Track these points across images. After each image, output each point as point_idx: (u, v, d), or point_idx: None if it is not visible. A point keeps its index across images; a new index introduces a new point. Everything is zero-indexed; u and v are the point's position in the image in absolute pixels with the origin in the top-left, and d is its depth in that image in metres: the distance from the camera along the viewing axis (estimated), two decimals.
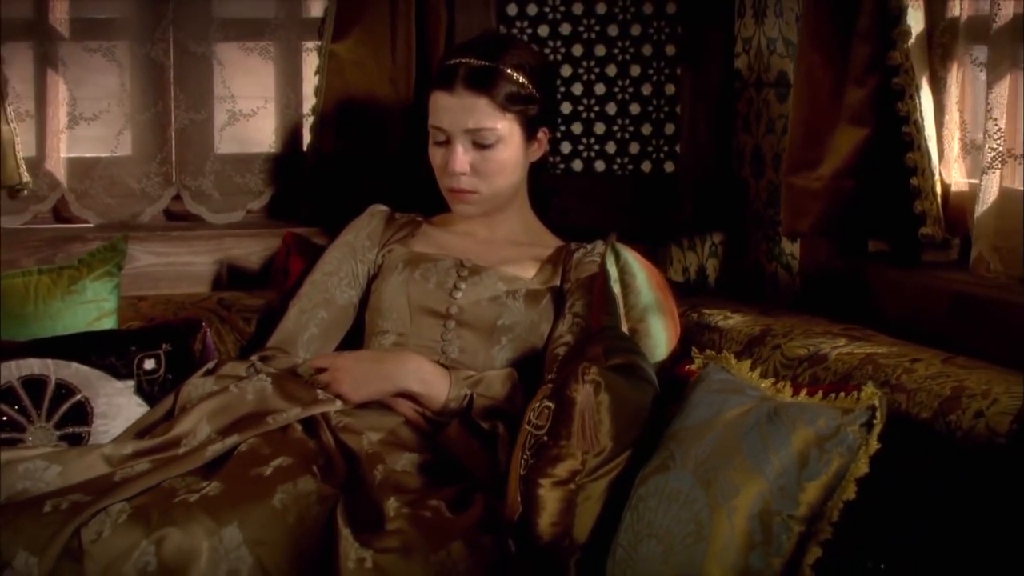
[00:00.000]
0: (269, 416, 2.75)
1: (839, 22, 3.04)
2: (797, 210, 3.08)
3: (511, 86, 3.05)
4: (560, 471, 2.45)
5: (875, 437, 2.17)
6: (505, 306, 3.04)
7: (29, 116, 3.63)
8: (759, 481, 2.20)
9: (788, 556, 2.18)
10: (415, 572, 2.39)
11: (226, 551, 2.37)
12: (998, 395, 2.22)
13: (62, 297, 3.07)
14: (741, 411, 2.34)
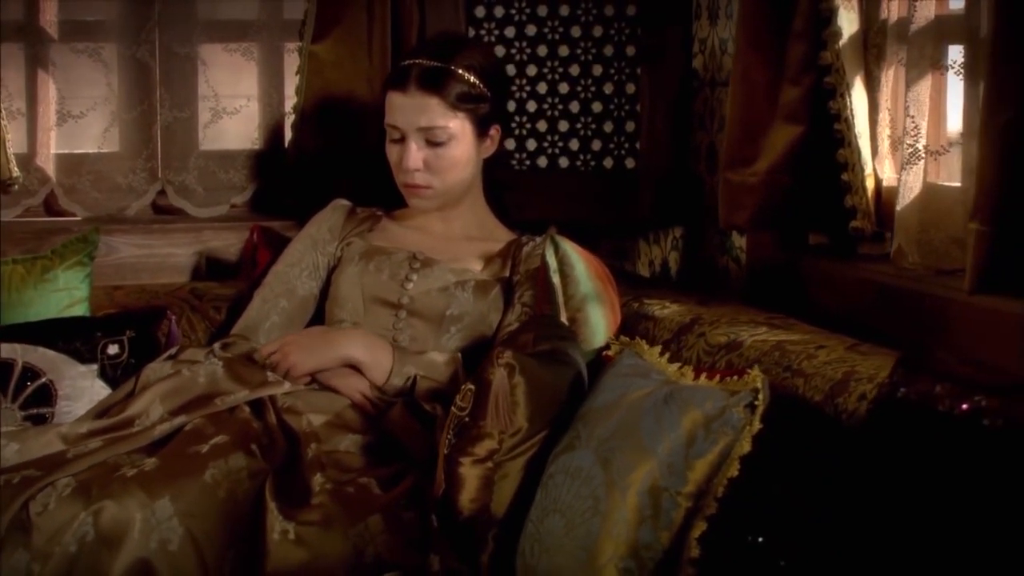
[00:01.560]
0: (218, 398, 2.88)
1: (775, 23, 3.13)
2: (733, 204, 3.19)
3: (462, 86, 3.17)
4: (479, 450, 2.57)
5: (758, 418, 2.27)
6: (454, 297, 3.17)
7: (20, 114, 3.80)
8: (650, 459, 2.31)
9: (676, 530, 2.28)
10: (334, 543, 2.54)
11: (158, 522, 2.52)
12: (883, 380, 2.32)
13: (35, 285, 3.22)
14: (642, 394, 2.46)
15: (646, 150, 3.75)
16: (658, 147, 3.73)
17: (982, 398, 1.92)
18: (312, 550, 2.53)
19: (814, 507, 2.16)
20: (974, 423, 1.89)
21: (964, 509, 1.85)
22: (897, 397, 2.09)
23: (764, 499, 2.22)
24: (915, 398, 2.04)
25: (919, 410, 2.01)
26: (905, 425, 2.05)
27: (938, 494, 1.91)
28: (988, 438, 1.86)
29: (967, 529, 1.82)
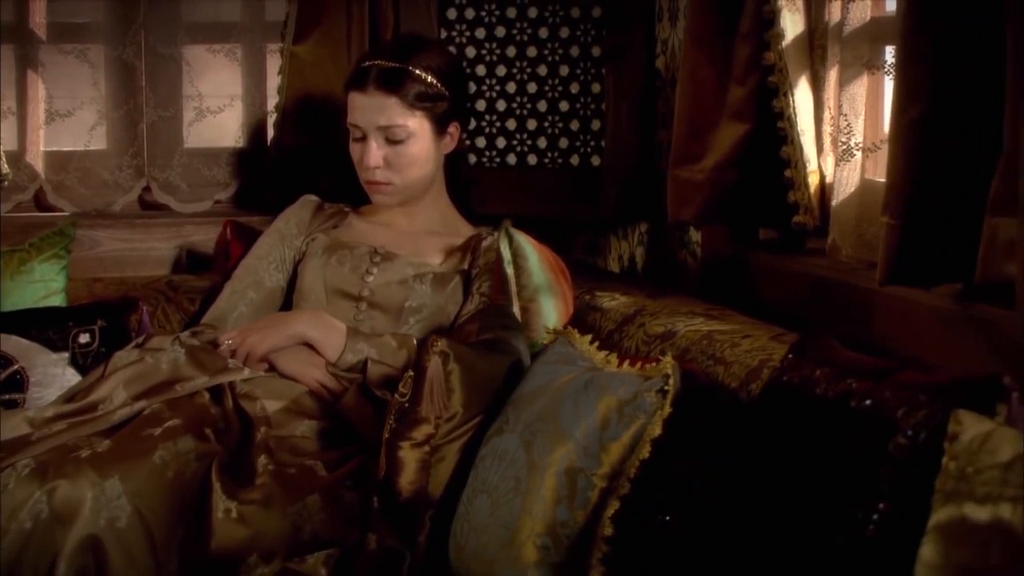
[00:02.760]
0: (178, 384, 3.01)
1: (722, 24, 3.22)
2: (681, 200, 3.29)
3: (419, 86, 3.29)
4: (417, 435, 2.69)
5: (669, 402, 2.38)
6: (412, 289, 3.28)
7: (11, 113, 3.94)
8: (568, 442, 2.43)
9: (591, 509, 2.39)
10: (273, 521, 2.68)
11: (107, 500, 2.65)
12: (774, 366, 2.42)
13: (11, 277, 3.36)
14: (566, 380, 2.57)
15: (611, 148, 3.85)
16: (622, 145, 3.83)
17: (853, 381, 2.02)
18: (253, 527, 2.67)
19: (714, 485, 2.26)
20: (843, 405, 1.99)
21: (834, 482, 1.95)
22: (783, 381, 2.19)
23: (672, 479, 2.33)
24: (797, 382, 2.14)
25: (799, 393, 2.12)
26: (787, 407, 2.15)
27: (812, 469, 2.01)
28: (854, 418, 1.96)
29: (838, 499, 1.92)
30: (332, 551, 2.66)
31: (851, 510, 1.87)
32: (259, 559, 2.65)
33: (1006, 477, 1.64)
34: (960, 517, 1.66)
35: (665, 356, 2.47)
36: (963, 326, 2.49)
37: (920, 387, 1.91)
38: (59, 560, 2.60)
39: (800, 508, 1.99)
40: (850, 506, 1.88)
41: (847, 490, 1.90)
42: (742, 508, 2.13)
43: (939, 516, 1.69)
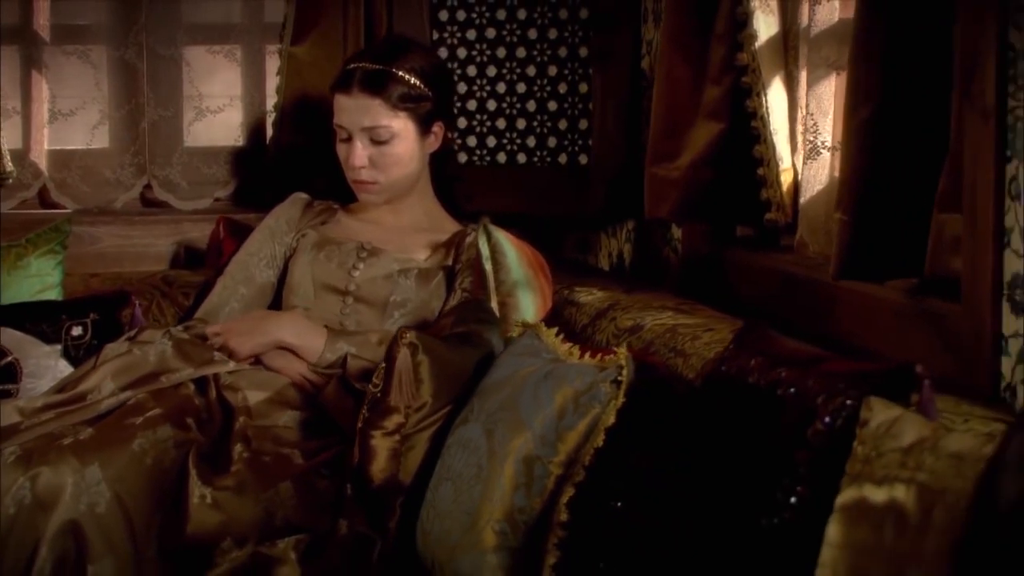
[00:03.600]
0: (163, 375, 3.10)
1: (698, 26, 3.30)
2: (657, 197, 3.36)
3: (403, 87, 3.37)
4: (388, 424, 2.77)
5: (622, 392, 2.45)
6: (397, 284, 3.37)
7: (16, 112, 4.05)
8: (526, 431, 2.50)
9: (547, 496, 2.46)
10: (246, 507, 2.77)
11: (87, 486, 2.75)
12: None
13: (8, 272, 3.46)
14: (529, 371, 2.64)
15: (598, 146, 3.93)
16: (609, 144, 3.91)
17: (783, 370, 2.09)
18: (226, 513, 2.76)
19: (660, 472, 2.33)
20: (772, 393, 2.07)
21: (762, 467, 2.02)
22: (721, 371, 2.27)
23: (624, 466, 2.40)
24: (734, 372, 2.22)
25: (734, 382, 2.19)
26: (724, 396, 2.23)
27: (744, 455, 2.09)
28: (780, 405, 2.04)
29: (764, 484, 1.99)
30: (303, 536, 2.74)
31: (773, 494, 1.95)
32: (232, 543, 2.74)
33: (904, 460, 1.71)
34: (861, 498, 1.73)
35: (620, 349, 2.52)
36: (915, 319, 2.56)
37: (841, 376, 1.98)
38: (41, 544, 2.70)
39: (732, 492, 2.06)
40: (773, 490, 1.95)
41: (772, 475, 1.98)
42: (684, 493, 2.20)
43: (843, 498, 1.76)
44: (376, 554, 2.71)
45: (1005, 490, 1.17)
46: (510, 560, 2.48)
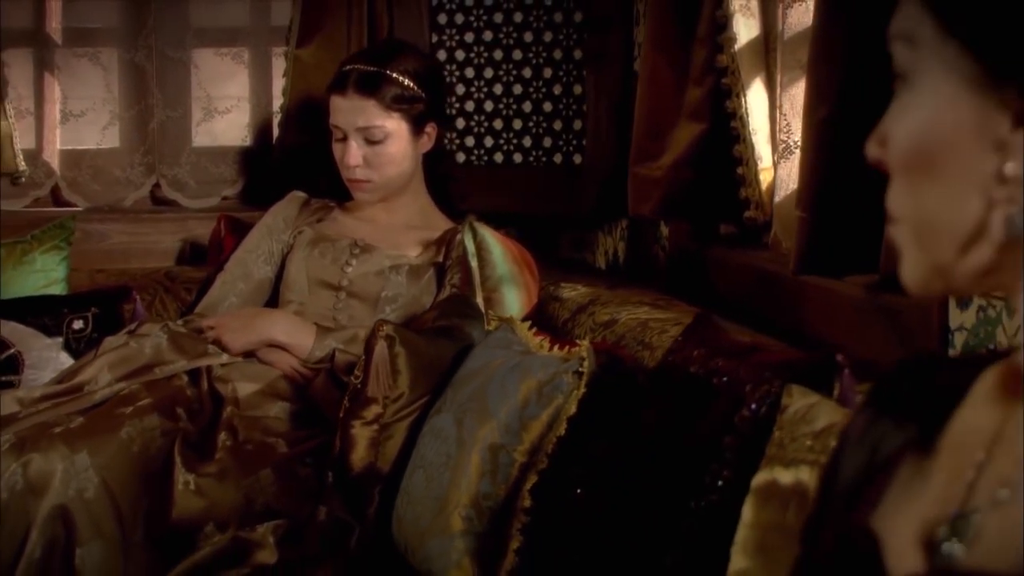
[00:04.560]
0: (157, 367, 3.21)
1: (680, 28, 3.38)
2: (640, 196, 3.44)
3: (396, 88, 3.47)
4: (367, 414, 2.87)
5: (583, 383, 2.54)
6: (388, 279, 3.46)
7: (29, 113, 4.18)
8: (492, 421, 2.59)
9: (512, 483, 2.55)
10: (227, 493, 2.88)
11: (76, 472, 2.86)
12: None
13: (14, 267, 3.58)
14: (499, 363, 2.74)
15: (592, 147, 4.02)
16: (603, 144, 4.00)
17: (720, 360, 2.18)
18: (209, 499, 2.87)
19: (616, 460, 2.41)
20: (708, 381, 2.15)
21: (697, 452, 2.10)
22: (668, 362, 2.35)
23: (584, 455, 2.48)
24: (679, 362, 2.30)
25: (678, 372, 2.28)
26: (669, 385, 2.31)
27: (683, 441, 2.17)
28: (715, 393, 2.12)
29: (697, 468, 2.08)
30: (281, 522, 2.84)
31: (702, 478, 2.03)
32: (215, 528, 2.84)
33: (813, 444, 1.79)
34: (771, 480, 1.81)
35: (583, 341, 2.61)
36: (873, 314, 2.63)
37: (771, 365, 2.06)
38: (32, 529, 2.81)
39: (672, 477, 2.15)
40: (703, 474, 2.03)
41: (704, 459, 2.06)
42: (632, 480, 2.28)
43: (757, 480, 1.85)
44: (354, 539, 2.80)
45: (842, 467, 1.25)
46: (476, 544, 2.56)
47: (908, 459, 1.22)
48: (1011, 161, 1.03)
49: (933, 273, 1.12)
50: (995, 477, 1.10)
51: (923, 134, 1.08)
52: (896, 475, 1.23)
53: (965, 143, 1.05)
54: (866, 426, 1.29)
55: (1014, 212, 1.03)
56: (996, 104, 1.03)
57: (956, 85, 1.05)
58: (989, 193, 1.05)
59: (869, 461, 1.26)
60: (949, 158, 1.06)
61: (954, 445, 1.19)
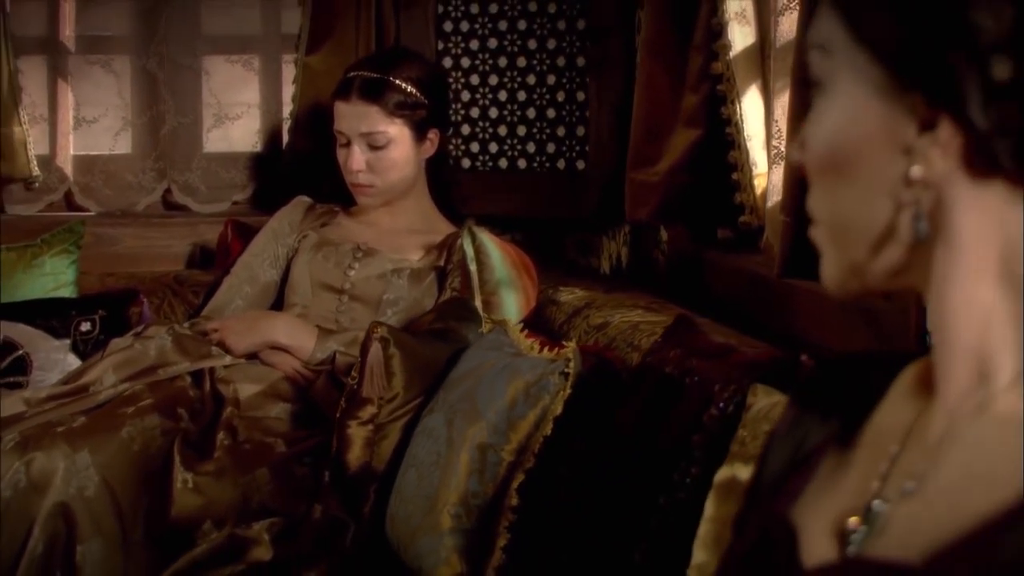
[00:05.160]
0: (161, 368, 3.28)
1: (677, 35, 3.43)
2: (637, 201, 3.49)
3: (399, 95, 3.53)
4: (363, 414, 2.92)
5: (569, 384, 2.60)
6: (390, 283, 3.52)
7: (43, 119, 4.26)
8: (481, 421, 2.65)
9: (499, 481, 2.61)
10: (225, 490, 2.94)
11: (77, 471, 2.93)
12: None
13: (24, 270, 3.66)
14: (490, 364, 2.79)
15: (594, 152, 4.08)
16: (605, 149, 4.05)
17: (695, 361, 2.23)
18: (206, 496, 2.93)
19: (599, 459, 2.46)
20: (682, 381, 2.20)
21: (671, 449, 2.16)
22: (647, 363, 2.41)
23: (569, 453, 2.54)
24: (656, 363, 2.35)
25: (655, 372, 2.33)
26: (647, 386, 2.36)
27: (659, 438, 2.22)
28: (687, 393, 2.17)
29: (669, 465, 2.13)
30: (276, 520, 2.91)
31: (672, 475, 2.08)
32: (212, 525, 2.91)
33: None
34: (732, 476, 1.86)
35: (570, 343, 2.66)
36: (856, 316, 2.68)
37: (740, 365, 2.11)
38: (35, 526, 2.88)
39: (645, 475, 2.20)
40: (672, 471, 2.09)
41: (674, 457, 2.11)
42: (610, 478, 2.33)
43: (719, 476, 1.90)
44: (350, 537, 2.86)
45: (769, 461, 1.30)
46: (464, 541, 2.62)
47: (830, 453, 1.27)
48: (916, 165, 1.07)
49: (849, 272, 1.16)
50: (906, 469, 1.15)
51: (836, 138, 1.11)
52: (818, 468, 1.28)
53: (875, 147, 1.09)
54: (792, 422, 1.34)
55: (919, 214, 1.08)
56: (903, 110, 1.06)
57: (866, 91, 1.08)
58: (897, 196, 1.08)
59: (793, 455, 1.31)
60: (860, 161, 1.10)
61: (872, 439, 1.23)
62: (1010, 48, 1.01)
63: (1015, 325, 1.11)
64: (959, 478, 1.09)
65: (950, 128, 1.05)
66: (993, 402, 1.11)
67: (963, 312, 1.12)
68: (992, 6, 1.01)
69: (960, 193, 1.07)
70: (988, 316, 1.11)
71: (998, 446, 1.09)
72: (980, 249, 1.09)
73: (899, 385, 1.25)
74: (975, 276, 1.10)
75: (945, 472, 1.11)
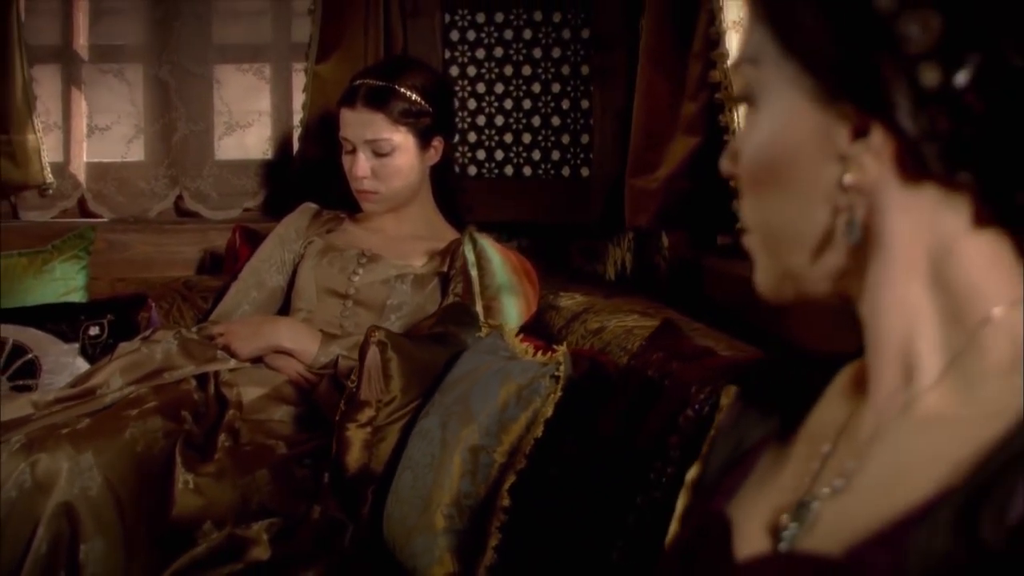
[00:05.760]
0: (166, 372, 3.33)
1: (676, 44, 3.47)
2: (637, 207, 3.54)
3: (404, 103, 3.58)
4: (361, 417, 2.97)
5: (560, 387, 2.64)
6: (394, 288, 3.57)
7: (57, 127, 4.33)
8: (473, 423, 2.69)
9: (491, 482, 2.65)
10: (224, 492, 2.99)
11: (81, 471, 2.98)
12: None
13: (35, 275, 3.72)
14: (485, 368, 2.84)
15: (598, 160, 4.13)
16: (609, 157, 4.10)
17: (675, 364, 2.27)
18: (207, 497, 2.98)
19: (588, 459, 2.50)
20: (659, 383, 2.25)
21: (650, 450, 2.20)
22: (630, 365, 2.45)
23: (559, 455, 2.58)
24: (639, 366, 2.39)
25: (637, 375, 2.37)
26: (631, 388, 2.40)
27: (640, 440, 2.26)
28: (666, 395, 2.21)
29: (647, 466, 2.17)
30: (275, 520, 2.95)
31: (649, 474, 2.12)
32: (212, 526, 2.95)
33: None
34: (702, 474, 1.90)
35: (560, 347, 2.70)
36: (848, 319, 2.70)
37: (717, 367, 2.15)
38: (39, 525, 2.92)
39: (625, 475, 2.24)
40: (649, 471, 2.13)
41: (651, 457, 2.15)
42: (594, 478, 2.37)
43: (689, 474, 1.92)
44: (348, 538, 2.91)
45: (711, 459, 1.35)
46: (457, 541, 2.66)
47: (768, 451, 1.31)
48: (850, 172, 1.10)
49: (783, 279, 1.20)
50: (836, 468, 1.19)
51: (770, 148, 1.14)
52: (755, 466, 1.32)
53: (809, 155, 1.12)
54: (734, 420, 1.38)
55: (852, 220, 1.11)
56: (836, 117, 1.09)
57: (799, 101, 1.11)
58: (833, 202, 1.12)
59: (732, 453, 1.35)
60: (795, 169, 1.13)
61: (807, 438, 1.27)
62: (938, 56, 1.04)
63: (942, 325, 1.14)
64: (883, 475, 1.13)
65: (882, 134, 1.08)
66: (917, 402, 1.14)
67: (893, 313, 1.15)
68: (919, 16, 1.05)
69: (892, 197, 1.11)
70: (916, 317, 1.14)
71: (919, 444, 1.13)
72: (911, 252, 1.12)
73: (835, 386, 1.29)
74: (905, 278, 1.14)
75: (871, 470, 1.15)
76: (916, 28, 1.03)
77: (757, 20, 1.14)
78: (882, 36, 1.05)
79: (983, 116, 1.04)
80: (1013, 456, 1.02)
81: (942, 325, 1.14)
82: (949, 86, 1.04)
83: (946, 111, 1.05)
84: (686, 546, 1.30)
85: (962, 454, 1.07)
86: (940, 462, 1.08)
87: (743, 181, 1.18)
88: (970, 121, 1.04)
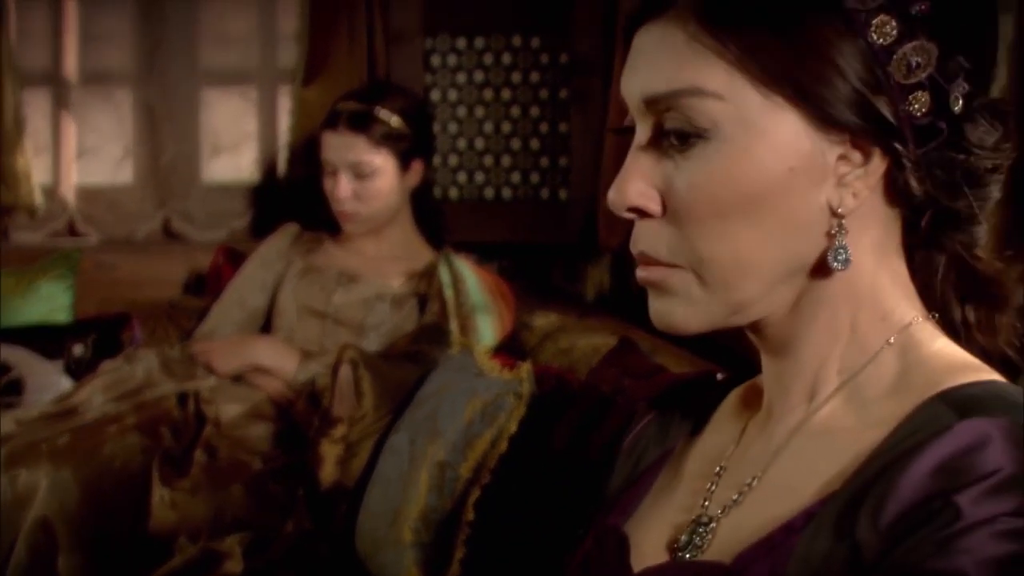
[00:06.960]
0: (147, 389, 3.40)
1: None
2: (611, 229, 3.60)
3: (384, 126, 3.64)
4: (334, 433, 3.04)
5: (523, 403, 2.70)
6: (372, 308, 3.63)
7: (46, 150, 4.40)
8: (440, 439, 2.75)
9: (457, 497, 2.70)
10: (199, 506, 3.05)
11: (59, 487, 3.04)
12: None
13: (22, 295, 3.79)
14: (454, 385, 2.90)
15: (577, 182, 4.19)
16: (587, 179, 4.17)
17: (627, 380, 2.33)
18: (181, 512, 3.05)
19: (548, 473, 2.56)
20: (610, 398, 2.31)
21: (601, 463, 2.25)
22: (587, 381, 2.51)
23: (521, 470, 2.64)
24: (595, 382, 2.46)
25: (593, 392, 2.43)
26: (587, 405, 2.46)
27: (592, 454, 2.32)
28: (616, 410, 2.27)
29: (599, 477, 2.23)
30: (248, 533, 3.01)
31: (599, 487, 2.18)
32: (187, 539, 3.01)
33: None
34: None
35: (523, 364, 2.77)
36: None
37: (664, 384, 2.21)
38: (18, 539, 2.99)
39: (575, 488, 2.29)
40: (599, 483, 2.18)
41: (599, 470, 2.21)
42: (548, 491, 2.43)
43: None
44: (320, 552, 2.97)
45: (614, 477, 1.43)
46: (423, 555, 2.71)
47: (665, 470, 1.37)
48: (845, 197, 1.14)
49: (729, 312, 1.22)
50: (730, 484, 1.25)
51: (748, 177, 1.14)
52: (652, 485, 1.37)
53: (798, 182, 1.14)
54: (634, 441, 1.44)
55: (843, 244, 1.14)
56: (829, 144, 1.13)
57: (786, 130, 1.13)
58: (820, 228, 1.15)
59: (632, 471, 1.40)
60: (781, 197, 1.14)
61: (701, 457, 1.33)
62: (930, 85, 1.10)
63: (848, 346, 1.19)
64: (775, 487, 1.19)
65: (879, 161, 1.13)
66: (812, 416, 1.20)
67: (820, 338, 1.20)
68: (919, 49, 1.10)
69: (863, 222, 1.15)
70: (835, 341, 1.20)
71: (809, 456, 1.18)
72: (860, 276, 1.17)
73: (725, 406, 1.34)
74: (843, 301, 1.18)
75: (764, 483, 1.21)
76: (917, 58, 1.09)
77: (716, 57, 1.14)
78: (879, 70, 1.10)
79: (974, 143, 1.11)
80: (889, 461, 1.08)
81: (848, 345, 1.19)
82: (944, 113, 1.11)
83: (937, 139, 1.11)
84: (583, 561, 1.35)
85: (844, 461, 1.13)
86: (825, 470, 1.14)
87: (689, 214, 1.18)
88: (965, 148, 1.11)
